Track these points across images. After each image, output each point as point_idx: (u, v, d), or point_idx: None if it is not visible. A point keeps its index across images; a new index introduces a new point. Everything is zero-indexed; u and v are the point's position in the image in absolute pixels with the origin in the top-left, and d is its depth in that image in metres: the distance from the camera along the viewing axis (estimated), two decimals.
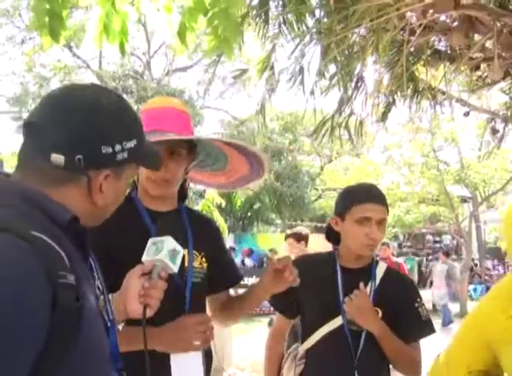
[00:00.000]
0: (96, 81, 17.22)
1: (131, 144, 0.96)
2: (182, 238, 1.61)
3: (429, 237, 25.39)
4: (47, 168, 0.92)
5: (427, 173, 14.47)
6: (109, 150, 0.93)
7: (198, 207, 7.29)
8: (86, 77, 18.30)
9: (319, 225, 17.16)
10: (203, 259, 1.66)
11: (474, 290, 16.83)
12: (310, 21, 2.67)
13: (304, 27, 2.67)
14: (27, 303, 0.76)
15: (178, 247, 1.21)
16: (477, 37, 2.96)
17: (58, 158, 0.91)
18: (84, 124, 0.93)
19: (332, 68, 2.78)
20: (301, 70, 2.71)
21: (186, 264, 1.59)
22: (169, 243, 1.19)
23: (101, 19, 2.29)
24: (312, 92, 2.71)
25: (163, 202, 1.66)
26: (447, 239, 25.77)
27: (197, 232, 1.67)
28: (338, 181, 20.91)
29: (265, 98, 2.92)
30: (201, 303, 1.65)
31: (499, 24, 2.06)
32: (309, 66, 2.69)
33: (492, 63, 2.76)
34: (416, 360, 1.84)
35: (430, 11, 2.29)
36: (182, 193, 1.73)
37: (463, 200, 17.52)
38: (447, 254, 13.39)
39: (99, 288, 0.98)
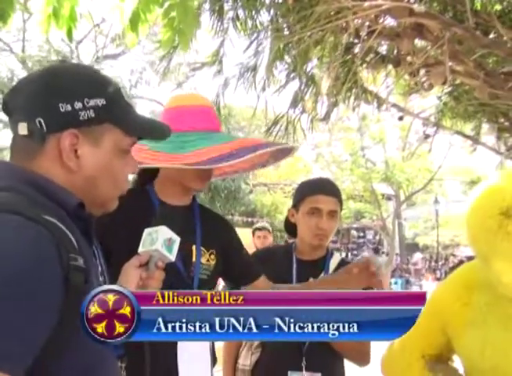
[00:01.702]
0: (19, 65, 16.34)
1: (97, 102, 0.93)
2: (190, 233, 1.59)
3: (353, 233, 26.36)
4: (20, 143, 0.92)
5: (355, 171, 15.00)
6: (69, 107, 0.91)
7: None
8: (8, 61, 17.28)
9: (249, 219, 17.31)
10: (211, 256, 1.63)
11: (395, 283, 17.71)
12: (265, 18, 2.68)
13: (258, 24, 2.69)
14: (44, 281, 0.77)
15: (174, 236, 1.18)
16: (418, 43, 3.11)
17: (22, 127, 0.90)
18: (40, 86, 0.93)
19: (283, 65, 2.82)
20: (254, 67, 2.72)
21: (194, 259, 1.57)
22: (164, 232, 1.16)
23: (49, 1, 2.18)
24: (264, 89, 2.74)
25: (180, 197, 1.63)
26: (370, 234, 26.88)
27: (207, 228, 1.64)
28: (269, 176, 21.22)
29: (218, 93, 2.91)
30: None
31: (448, 33, 2.17)
32: (261, 64, 2.72)
33: (431, 68, 2.91)
34: (364, 349, 1.89)
35: (382, 16, 2.37)
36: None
37: (388, 197, 18.33)
38: (377, 251, 14.03)
39: (102, 275, 0.97)
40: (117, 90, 0.99)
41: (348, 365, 1.92)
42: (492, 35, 2.71)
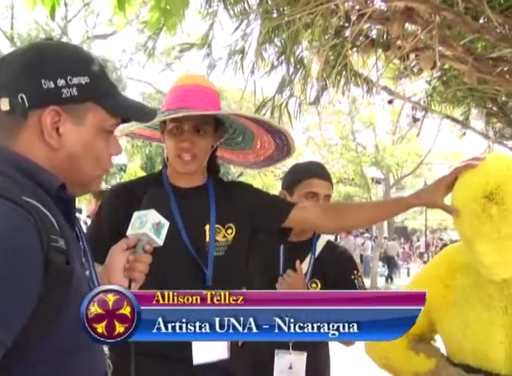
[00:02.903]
0: (7, 43, 16.07)
1: (81, 80, 0.92)
2: (204, 213, 1.62)
3: None
4: (2, 119, 0.91)
5: (346, 154, 15.04)
6: (51, 84, 0.91)
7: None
8: None
9: None
10: (228, 231, 1.65)
11: (383, 266, 17.90)
12: (255, 0, 2.66)
13: (247, 6, 2.67)
14: (23, 264, 0.77)
15: (163, 221, 1.17)
16: (408, 27, 3.10)
17: (4, 102, 0.90)
18: (23, 62, 0.92)
19: (271, 49, 2.81)
20: (242, 49, 2.71)
21: (208, 239, 1.60)
22: (153, 216, 1.16)
23: None
24: (252, 72, 2.73)
25: (190, 179, 1.66)
26: None
27: (223, 203, 1.67)
28: None
29: (205, 75, 2.90)
30: (226, 276, 1.59)
31: (437, 18, 2.18)
32: (250, 46, 2.70)
33: (421, 53, 2.91)
34: None
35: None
36: (212, 168, 1.73)
37: (377, 181, 18.42)
38: (348, 231, 14.06)
39: (85, 257, 0.97)
40: (101, 69, 0.98)
41: (332, 345, 1.96)
42: (481, 20, 2.71)
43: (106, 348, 0.99)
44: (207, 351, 1.51)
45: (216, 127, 1.66)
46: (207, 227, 1.61)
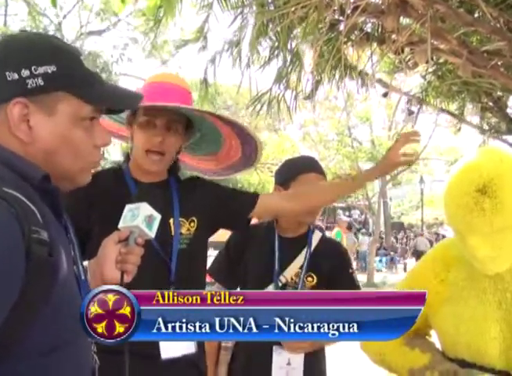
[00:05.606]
0: None
1: (47, 70, 0.89)
2: (168, 207, 1.61)
3: (339, 212, 26.57)
4: None
5: (342, 150, 15.05)
6: (15, 76, 0.88)
7: None
8: None
9: None
10: (191, 224, 1.66)
11: (380, 261, 17.97)
12: None
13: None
14: (2, 255, 0.75)
15: (155, 213, 1.18)
16: (403, 21, 3.08)
17: None
18: None
19: (267, 42, 2.79)
20: (238, 43, 2.69)
21: (172, 232, 1.61)
22: (145, 209, 1.16)
23: None
24: (248, 65, 2.72)
25: (153, 174, 1.66)
26: (356, 213, 27.12)
27: (185, 197, 1.67)
28: None
29: (207, 69, 2.88)
30: (190, 269, 1.61)
31: (431, 11, 2.17)
32: (244, 39, 2.68)
33: (416, 46, 2.90)
34: None
35: None
36: (174, 168, 1.73)
37: None
38: (349, 228, 14.14)
39: (73, 250, 0.95)
40: (73, 58, 0.94)
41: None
42: (476, 14, 2.70)
43: (93, 345, 0.98)
44: (175, 346, 1.52)
45: (185, 128, 1.68)
46: (171, 221, 1.61)
